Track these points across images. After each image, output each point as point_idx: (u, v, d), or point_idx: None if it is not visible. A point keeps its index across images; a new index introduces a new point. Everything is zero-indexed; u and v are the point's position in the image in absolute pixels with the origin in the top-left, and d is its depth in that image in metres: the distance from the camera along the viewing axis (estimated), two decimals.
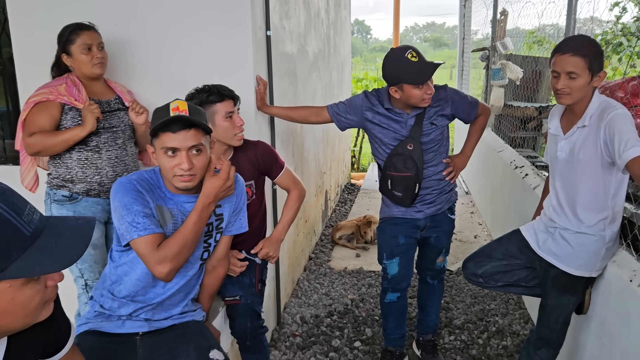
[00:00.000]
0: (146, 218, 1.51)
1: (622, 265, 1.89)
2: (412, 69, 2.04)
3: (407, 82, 2.07)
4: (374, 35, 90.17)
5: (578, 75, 1.76)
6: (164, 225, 1.60)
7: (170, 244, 1.52)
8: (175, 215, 1.62)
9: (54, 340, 1.12)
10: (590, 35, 2.91)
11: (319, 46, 4.10)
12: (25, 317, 0.88)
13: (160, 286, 1.66)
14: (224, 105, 1.95)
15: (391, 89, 2.15)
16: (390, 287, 2.45)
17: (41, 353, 1.09)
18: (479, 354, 2.71)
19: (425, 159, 2.24)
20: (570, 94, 1.79)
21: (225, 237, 1.80)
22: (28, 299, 0.86)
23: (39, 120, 2.05)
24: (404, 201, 2.29)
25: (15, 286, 0.84)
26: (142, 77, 2.44)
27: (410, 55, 2.05)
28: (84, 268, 2.21)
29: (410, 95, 2.10)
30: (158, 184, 1.62)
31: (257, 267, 2.14)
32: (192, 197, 1.62)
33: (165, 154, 1.51)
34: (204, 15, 2.33)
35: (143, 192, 1.55)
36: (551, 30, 4.59)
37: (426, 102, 2.14)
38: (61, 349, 1.14)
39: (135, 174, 1.61)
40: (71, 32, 2.10)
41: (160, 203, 1.60)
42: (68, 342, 1.16)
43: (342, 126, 2.40)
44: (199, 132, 1.52)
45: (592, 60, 1.76)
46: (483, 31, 6.41)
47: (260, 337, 2.09)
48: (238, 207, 1.77)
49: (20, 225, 0.82)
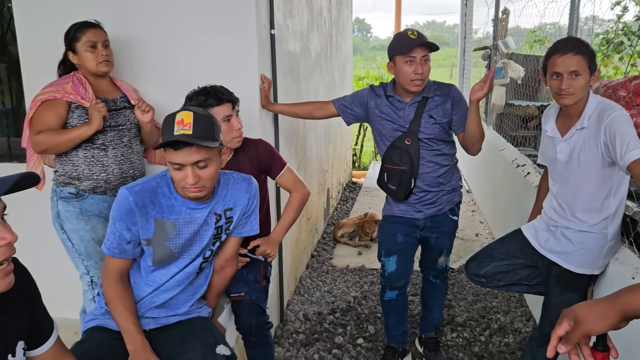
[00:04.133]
0: (117, 240, 1.57)
1: (624, 263, 1.91)
2: (406, 41, 2.14)
3: (398, 53, 2.16)
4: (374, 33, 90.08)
5: (580, 74, 1.78)
6: (166, 238, 1.60)
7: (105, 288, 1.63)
8: (179, 226, 1.61)
9: (37, 327, 1.15)
10: (592, 34, 2.93)
11: (321, 45, 4.12)
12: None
13: (161, 290, 1.68)
14: (222, 109, 1.95)
15: (388, 65, 2.25)
16: (387, 285, 2.46)
17: (27, 339, 1.11)
18: (481, 351, 2.72)
19: (422, 155, 2.24)
20: (574, 94, 1.80)
21: (234, 239, 1.80)
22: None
23: (46, 118, 2.06)
24: (398, 195, 2.30)
25: None
26: (148, 76, 2.45)
27: (410, 33, 2.16)
28: (90, 265, 2.23)
29: (400, 70, 2.17)
30: (165, 191, 1.60)
31: (261, 264, 2.15)
32: (202, 204, 1.63)
33: (172, 166, 1.53)
34: (209, 14, 2.35)
35: (136, 211, 1.54)
36: (552, 29, 4.61)
37: (415, 85, 2.16)
38: (45, 341, 1.17)
39: (141, 183, 1.59)
40: (77, 30, 2.12)
41: (161, 216, 1.58)
42: (52, 336, 1.19)
43: (348, 120, 2.42)
44: (202, 147, 1.50)
45: (590, 59, 1.80)
46: (484, 30, 6.43)
47: (265, 332, 2.11)
48: (250, 210, 1.77)
49: None
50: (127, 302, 1.61)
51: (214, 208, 1.67)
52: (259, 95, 2.43)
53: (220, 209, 1.68)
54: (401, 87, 2.23)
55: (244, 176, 1.75)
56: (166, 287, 1.68)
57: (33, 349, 1.15)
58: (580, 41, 1.85)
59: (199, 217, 1.63)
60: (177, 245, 1.63)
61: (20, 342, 1.08)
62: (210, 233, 1.68)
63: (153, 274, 1.67)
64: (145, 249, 1.61)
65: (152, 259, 1.62)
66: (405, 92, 2.24)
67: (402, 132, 2.25)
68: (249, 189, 1.74)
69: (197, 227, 1.64)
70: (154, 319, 1.71)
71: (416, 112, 2.23)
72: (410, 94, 2.23)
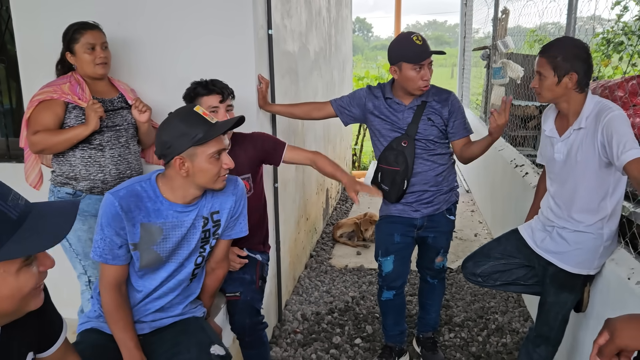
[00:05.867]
0: (108, 246, 1.56)
1: (621, 264, 1.91)
2: (414, 48, 2.11)
3: (406, 60, 2.13)
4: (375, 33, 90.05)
5: (544, 75, 1.83)
6: (153, 243, 1.59)
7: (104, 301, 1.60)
8: (166, 230, 1.60)
9: (47, 334, 1.14)
10: (591, 33, 2.93)
11: (320, 44, 4.12)
12: (19, 302, 0.92)
13: (154, 297, 1.68)
14: (209, 99, 1.97)
15: (391, 69, 2.21)
16: (385, 285, 2.47)
17: (37, 347, 1.12)
18: (478, 351, 2.73)
19: (419, 154, 2.24)
20: (540, 94, 1.88)
21: (224, 241, 1.79)
22: (22, 283, 0.90)
23: (43, 118, 2.07)
24: (390, 196, 2.31)
25: (11, 271, 0.88)
26: (145, 76, 2.46)
27: (415, 38, 2.13)
28: (88, 265, 2.23)
29: (406, 76, 2.15)
30: (151, 195, 1.59)
31: (258, 264, 2.16)
32: (189, 207, 1.63)
33: (211, 159, 1.55)
34: (206, 14, 2.35)
35: (122, 216, 1.53)
36: (552, 29, 4.60)
37: (421, 90, 2.17)
38: (54, 343, 1.17)
39: (125, 187, 1.58)
40: (75, 31, 2.12)
41: (147, 220, 1.58)
42: (60, 337, 1.18)
43: (346, 120, 2.43)
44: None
45: (561, 61, 1.79)
46: (484, 30, 6.42)
47: (259, 333, 2.10)
48: (237, 212, 1.76)
49: (6, 209, 0.86)
50: (128, 315, 1.60)
51: (201, 211, 1.66)
52: (256, 96, 2.43)
53: (207, 212, 1.68)
54: (402, 90, 2.23)
55: (230, 178, 1.73)
56: (159, 294, 1.68)
57: (42, 351, 1.15)
58: (559, 44, 1.86)
59: (187, 221, 1.63)
60: (164, 250, 1.62)
61: (30, 354, 1.09)
62: (197, 236, 1.67)
63: (142, 279, 1.66)
64: (133, 254, 1.60)
65: (139, 263, 1.61)
66: (404, 95, 2.24)
67: (399, 133, 2.25)
68: (235, 191, 1.73)
69: (184, 231, 1.63)
70: (149, 322, 1.71)
71: (414, 116, 2.23)
72: (411, 96, 2.23)
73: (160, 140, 1.54)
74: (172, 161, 1.54)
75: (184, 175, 1.54)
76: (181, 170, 1.53)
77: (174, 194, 1.59)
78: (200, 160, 1.53)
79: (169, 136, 1.52)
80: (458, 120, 2.25)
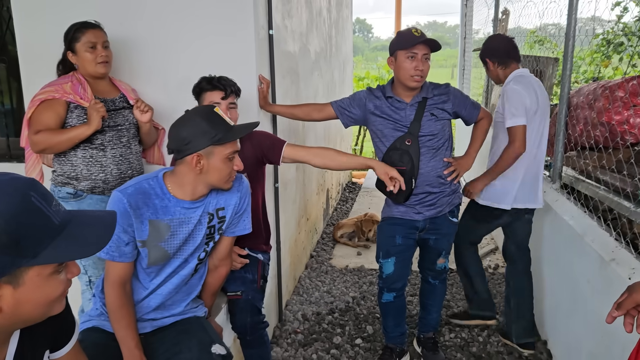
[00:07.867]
0: (115, 243, 1.56)
1: (621, 264, 1.91)
2: (409, 37, 2.17)
3: (400, 47, 2.18)
4: (375, 34, 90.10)
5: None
6: (161, 239, 1.60)
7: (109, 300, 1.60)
8: (173, 227, 1.61)
9: (62, 333, 1.15)
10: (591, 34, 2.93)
11: (320, 45, 4.12)
12: (46, 307, 0.92)
13: (157, 293, 1.68)
14: (211, 95, 2.00)
15: (389, 60, 2.27)
16: (385, 287, 2.46)
17: (52, 346, 1.12)
18: (479, 351, 2.73)
19: (422, 151, 2.24)
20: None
21: (227, 238, 1.80)
22: (52, 288, 0.91)
23: (45, 118, 2.07)
24: (398, 197, 2.25)
25: (43, 275, 0.88)
26: (147, 76, 2.46)
27: (413, 30, 2.19)
28: (88, 265, 2.23)
29: (401, 66, 2.18)
30: (158, 192, 1.60)
31: (259, 263, 2.16)
32: (196, 203, 1.64)
33: (226, 159, 1.58)
34: (207, 15, 2.35)
35: (130, 213, 1.54)
36: (552, 30, 4.60)
37: (414, 80, 2.18)
38: (67, 343, 1.17)
39: (133, 184, 1.59)
40: (76, 30, 2.12)
41: (155, 217, 1.59)
42: (73, 337, 1.18)
43: (346, 122, 2.42)
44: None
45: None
46: (484, 30, 6.42)
47: (260, 332, 2.11)
48: (242, 209, 1.78)
49: (50, 214, 0.87)
50: (131, 313, 1.61)
51: (207, 207, 1.68)
52: (257, 96, 2.43)
53: (212, 208, 1.69)
54: (400, 85, 2.24)
55: (235, 175, 1.75)
56: (162, 290, 1.69)
57: (56, 350, 1.15)
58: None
59: (194, 217, 1.64)
60: (172, 246, 1.63)
61: (47, 352, 1.09)
62: (202, 233, 1.68)
63: (148, 276, 1.67)
64: (141, 251, 1.61)
65: (147, 260, 1.62)
66: (404, 91, 2.24)
67: (402, 132, 2.25)
68: (239, 188, 1.75)
69: (191, 227, 1.64)
70: (150, 321, 1.71)
71: (417, 112, 2.23)
72: (410, 93, 2.24)
73: (178, 136, 1.55)
74: (187, 157, 1.55)
75: (198, 172, 1.56)
76: (196, 167, 1.55)
77: (182, 190, 1.61)
78: (216, 159, 1.56)
79: (189, 132, 1.53)
80: (467, 107, 2.31)
